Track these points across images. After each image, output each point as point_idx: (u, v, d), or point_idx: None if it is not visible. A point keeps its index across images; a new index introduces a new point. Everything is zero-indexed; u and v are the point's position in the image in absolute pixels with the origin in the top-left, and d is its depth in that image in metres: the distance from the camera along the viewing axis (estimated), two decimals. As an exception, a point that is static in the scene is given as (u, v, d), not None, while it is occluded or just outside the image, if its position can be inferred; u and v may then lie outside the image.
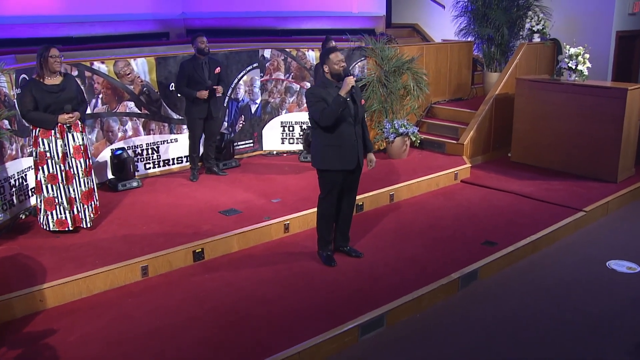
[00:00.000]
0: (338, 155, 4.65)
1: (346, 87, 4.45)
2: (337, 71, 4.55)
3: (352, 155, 4.68)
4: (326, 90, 4.57)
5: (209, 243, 5.14)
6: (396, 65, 7.63)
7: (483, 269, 5.03)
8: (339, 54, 4.60)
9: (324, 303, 4.34)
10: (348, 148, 4.65)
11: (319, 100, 4.55)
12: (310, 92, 4.64)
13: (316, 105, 4.56)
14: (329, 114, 4.49)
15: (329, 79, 4.64)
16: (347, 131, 4.63)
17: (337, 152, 4.65)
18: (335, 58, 4.57)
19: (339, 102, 4.44)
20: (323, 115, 4.52)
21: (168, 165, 7.27)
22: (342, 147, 4.64)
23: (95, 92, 6.54)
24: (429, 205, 6.49)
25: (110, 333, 3.95)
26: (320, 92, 4.58)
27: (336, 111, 4.46)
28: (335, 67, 4.56)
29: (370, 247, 5.33)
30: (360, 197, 6.23)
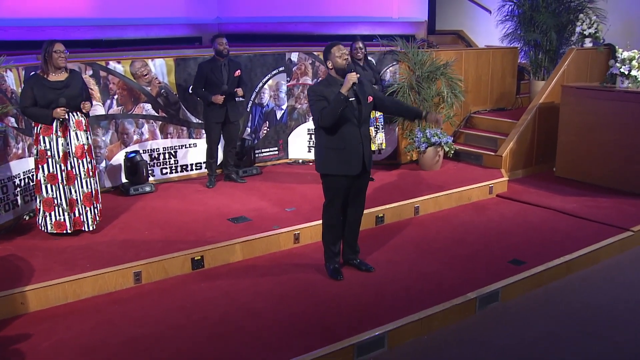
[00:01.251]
0: (341, 159, 4.41)
1: (347, 84, 4.21)
2: (342, 65, 4.32)
3: (356, 159, 4.42)
4: (329, 88, 4.34)
5: (210, 251, 4.97)
6: (430, 70, 7.32)
7: (506, 290, 4.64)
8: (342, 47, 4.37)
9: (321, 318, 4.08)
10: (352, 151, 4.40)
11: (320, 98, 4.33)
12: (311, 89, 4.43)
13: (316, 104, 4.34)
14: (328, 113, 4.26)
15: (334, 76, 4.41)
16: (350, 133, 4.38)
17: (339, 155, 4.41)
18: (338, 51, 4.34)
19: (339, 100, 4.20)
20: (322, 115, 4.29)
21: (186, 171, 7.18)
22: (345, 150, 4.39)
23: (110, 92, 6.52)
24: (457, 219, 6.14)
25: (87, 340, 3.80)
26: (322, 90, 4.35)
27: (335, 110, 4.22)
28: (339, 61, 4.33)
29: (383, 261, 5.04)
30: (381, 209, 5.96)
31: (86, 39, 9.06)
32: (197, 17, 10.26)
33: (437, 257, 5.15)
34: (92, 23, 9.24)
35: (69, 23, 9.01)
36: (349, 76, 4.21)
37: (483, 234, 5.72)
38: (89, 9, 9.22)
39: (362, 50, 6.53)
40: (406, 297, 4.39)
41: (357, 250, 4.90)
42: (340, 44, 4.41)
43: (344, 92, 4.20)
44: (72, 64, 6.11)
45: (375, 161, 7.65)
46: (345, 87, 4.21)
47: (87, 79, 6.30)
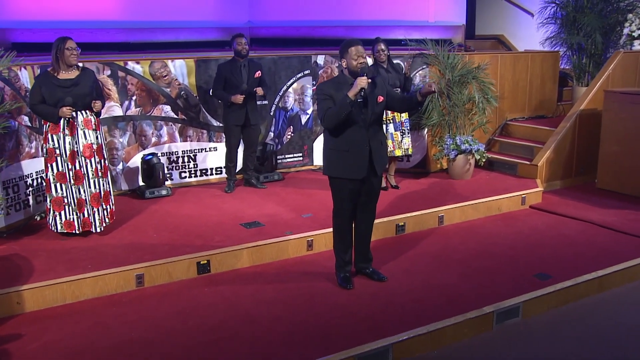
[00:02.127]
0: (345, 162, 4.29)
1: (355, 88, 4.08)
2: (355, 68, 4.20)
3: (362, 162, 4.29)
4: (338, 88, 4.22)
5: (216, 255, 4.90)
6: (461, 73, 7.13)
7: (527, 305, 4.41)
8: (360, 48, 4.24)
9: (322, 328, 3.95)
10: (357, 154, 4.27)
11: (326, 97, 4.23)
12: (319, 87, 4.33)
13: (322, 104, 4.24)
14: (332, 115, 4.15)
15: (346, 76, 4.30)
16: (356, 135, 4.26)
17: (344, 157, 4.29)
18: (354, 52, 4.22)
19: (344, 104, 4.08)
20: (326, 117, 4.19)
21: (206, 175, 7.16)
22: (350, 152, 4.27)
23: (128, 93, 6.57)
24: (484, 230, 5.91)
25: (75, 343, 3.77)
26: (329, 89, 4.25)
27: (339, 114, 4.11)
28: (353, 63, 4.21)
29: (398, 271, 4.87)
30: (402, 217, 5.80)
31: (114, 42, 9.18)
32: (228, 20, 10.30)
33: (457, 268, 4.95)
34: (121, 26, 9.36)
35: (97, 26, 9.15)
36: (359, 80, 4.09)
37: (510, 245, 5.48)
38: (118, 11, 9.34)
39: (384, 52, 6.40)
40: (417, 309, 4.21)
41: (370, 258, 4.75)
42: (360, 45, 4.27)
43: (350, 95, 4.08)
44: (90, 64, 6.21)
45: (403, 169, 7.49)
46: (353, 91, 4.09)
47: (104, 79, 6.38)
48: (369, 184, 4.42)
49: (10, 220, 5.45)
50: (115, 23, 9.36)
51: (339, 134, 4.27)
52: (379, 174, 4.42)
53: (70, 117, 5.02)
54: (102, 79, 6.36)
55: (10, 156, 5.46)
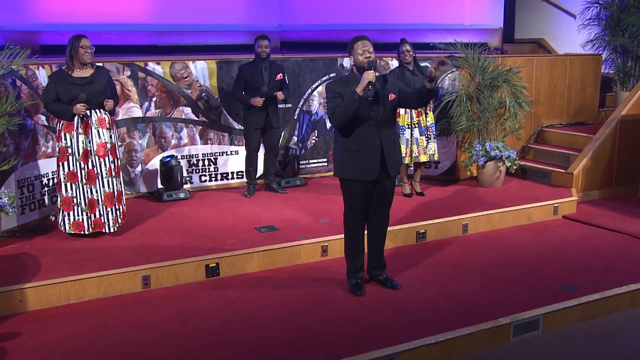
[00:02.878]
0: (355, 163, 4.24)
1: (362, 83, 4.03)
2: (361, 63, 4.15)
3: (373, 163, 4.23)
4: (348, 86, 4.18)
5: (226, 258, 4.89)
6: (492, 77, 6.99)
7: (548, 318, 4.25)
8: (367, 42, 4.20)
9: (327, 334, 3.88)
10: (368, 155, 4.21)
11: (335, 95, 4.19)
12: (328, 85, 4.30)
13: (331, 102, 4.21)
14: (339, 113, 4.11)
15: (355, 73, 4.25)
16: (367, 135, 4.20)
17: (354, 158, 4.23)
18: (360, 47, 4.17)
19: (352, 100, 4.03)
20: (333, 114, 4.15)
21: (226, 179, 7.19)
22: (360, 152, 4.22)
23: (148, 94, 6.65)
24: (510, 240, 5.75)
25: (73, 342, 3.79)
26: (339, 87, 4.21)
27: (346, 110, 4.06)
28: (360, 58, 4.17)
29: (414, 279, 4.77)
30: (423, 224, 5.70)
31: (142, 45, 9.36)
32: (258, 24, 10.38)
33: (476, 278, 4.82)
34: (149, 29, 9.55)
35: (125, 28, 9.35)
36: (365, 74, 4.04)
37: (536, 256, 5.31)
38: (147, 14, 9.54)
39: (409, 53, 6.32)
40: (428, 318, 4.10)
41: (384, 265, 4.67)
42: (367, 40, 4.24)
43: (358, 91, 4.03)
44: (110, 64, 6.32)
45: (431, 176, 7.37)
46: (360, 87, 4.04)
47: (124, 80, 6.48)
48: (381, 186, 4.34)
49: (24, 219, 5.56)
50: (143, 26, 9.55)
51: (349, 133, 4.22)
52: (392, 175, 4.34)
53: (85, 116, 5.10)
54: (121, 79, 6.46)
55: (26, 155, 5.58)
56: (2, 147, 5.29)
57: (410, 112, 6.36)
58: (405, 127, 6.38)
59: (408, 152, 6.40)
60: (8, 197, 4.96)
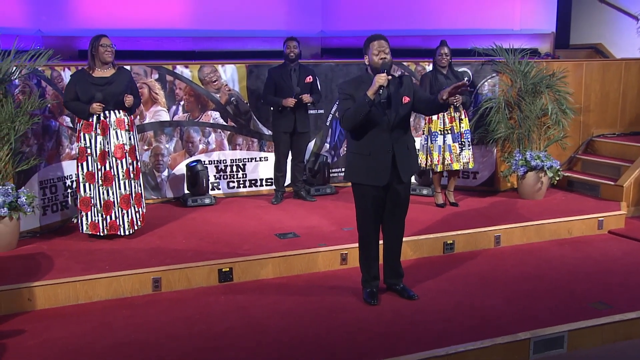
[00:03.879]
0: (366, 166, 4.22)
1: (373, 86, 4.01)
2: (376, 64, 4.14)
3: (384, 168, 4.20)
4: (360, 87, 4.16)
5: (240, 263, 4.92)
6: (534, 82, 6.84)
7: (575, 335, 4.10)
8: (383, 43, 4.18)
9: (331, 343, 3.86)
10: (378, 159, 4.19)
11: (346, 97, 4.19)
12: (340, 86, 4.32)
13: (342, 104, 4.22)
14: (349, 116, 4.11)
15: (369, 74, 4.24)
16: (379, 138, 4.18)
17: (365, 162, 4.22)
18: (376, 47, 4.16)
19: (363, 104, 4.02)
20: (344, 117, 4.15)
21: (255, 186, 7.26)
22: (371, 156, 4.20)
23: (176, 98, 6.80)
24: (546, 254, 5.58)
25: (74, 341, 3.89)
26: (350, 88, 4.21)
27: (357, 114, 4.05)
28: (375, 59, 4.15)
29: (434, 290, 4.69)
30: (451, 235, 5.61)
31: (180, 50, 9.58)
32: (299, 30, 10.45)
33: (501, 291, 4.70)
34: (187, 34, 9.76)
35: (163, 34, 9.59)
36: (377, 78, 4.02)
37: (570, 271, 5.14)
38: (185, 20, 9.75)
39: (447, 57, 6.26)
40: (442, 330, 4.02)
41: (401, 274, 4.61)
42: (383, 40, 4.22)
43: (369, 94, 4.02)
44: (137, 67, 6.51)
45: (469, 187, 7.26)
46: (371, 90, 4.02)
47: (152, 83, 6.64)
48: (393, 191, 4.31)
49: (46, 220, 5.75)
50: (181, 31, 9.77)
51: (361, 136, 4.22)
52: (404, 181, 4.30)
53: (103, 117, 5.25)
54: (149, 82, 6.63)
55: (50, 156, 5.79)
56: (25, 147, 5.50)
57: (442, 118, 6.29)
58: (438, 133, 6.31)
59: (440, 160, 6.33)
60: (27, 196, 5.14)
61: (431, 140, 6.34)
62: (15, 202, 5.07)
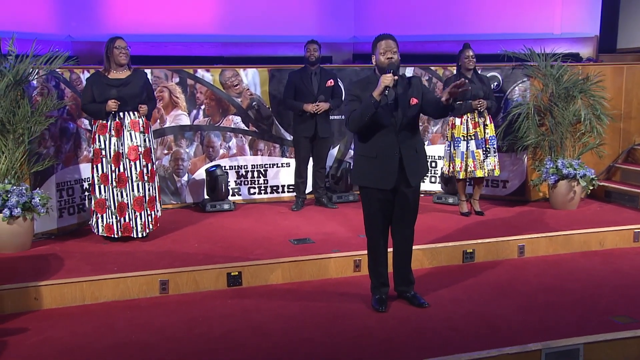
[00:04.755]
0: (372, 169, 4.25)
1: (379, 87, 4.04)
2: (382, 64, 4.17)
3: (391, 171, 4.21)
4: (367, 88, 4.19)
5: (249, 268, 4.99)
6: (566, 86, 6.75)
7: (592, 349, 4.01)
8: (391, 43, 4.21)
9: (331, 347, 3.88)
10: (385, 161, 4.21)
11: (352, 98, 4.23)
12: (347, 87, 4.36)
13: (348, 105, 4.26)
14: (355, 118, 4.14)
15: (376, 74, 4.27)
16: (386, 140, 4.20)
17: (371, 164, 4.25)
18: (383, 46, 4.19)
19: (368, 105, 4.05)
20: (350, 119, 4.19)
21: (277, 192, 7.34)
22: (377, 159, 4.22)
23: (197, 102, 6.94)
24: (573, 265, 5.48)
25: (74, 341, 4.00)
26: (357, 89, 4.25)
27: (363, 116, 4.08)
28: (381, 59, 4.19)
29: (446, 299, 4.67)
30: (471, 243, 5.57)
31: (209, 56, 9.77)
32: (331, 35, 10.57)
33: (516, 301, 4.64)
34: (216, 40, 9.97)
35: (192, 39, 9.82)
36: (383, 78, 4.04)
37: (597, 283, 5.04)
38: (214, 26, 9.97)
39: (473, 60, 6.25)
40: (449, 339, 4.00)
41: (411, 281, 4.60)
42: (391, 40, 4.25)
43: (375, 95, 4.05)
44: (158, 70, 6.68)
45: (498, 196, 7.20)
46: (377, 91, 4.05)
47: (172, 87, 6.81)
48: (401, 195, 4.32)
49: (63, 223, 5.94)
50: (211, 37, 9.99)
51: (368, 138, 4.25)
52: (412, 184, 4.30)
53: (117, 118, 5.41)
54: (170, 86, 6.80)
55: (67, 159, 5.98)
56: (42, 148, 5.70)
57: (466, 123, 6.28)
58: (461, 139, 6.28)
59: (463, 167, 6.30)
60: (40, 197, 5.32)
61: (454, 146, 6.32)
62: (29, 202, 5.25)
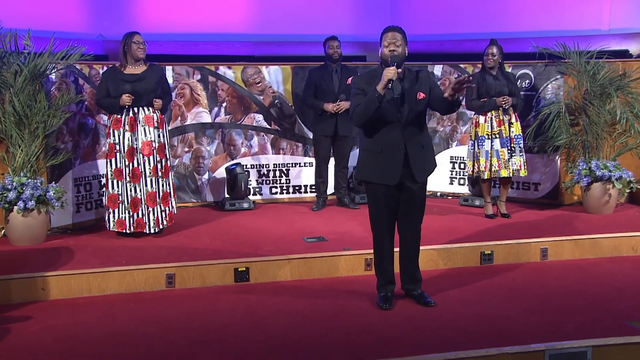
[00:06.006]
0: (376, 164, 4.33)
1: (382, 81, 4.12)
2: (386, 57, 4.25)
3: (394, 167, 4.28)
4: (372, 82, 4.28)
5: (256, 264, 5.12)
6: (602, 83, 6.69)
7: (602, 352, 3.99)
8: (397, 35, 4.29)
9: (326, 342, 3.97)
10: (389, 156, 4.28)
11: (358, 92, 4.32)
12: (352, 80, 4.46)
13: (353, 99, 4.35)
14: (359, 112, 4.23)
15: (382, 67, 4.36)
16: (391, 135, 4.28)
17: (375, 159, 4.33)
18: (388, 38, 4.27)
19: (372, 99, 4.14)
20: (354, 113, 4.29)
21: (299, 192, 7.47)
22: (381, 154, 4.30)
23: (218, 99, 7.14)
24: (598, 271, 5.42)
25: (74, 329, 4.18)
26: (362, 83, 4.34)
27: (367, 110, 4.17)
28: (385, 51, 4.27)
29: (455, 299, 4.71)
30: (490, 244, 5.58)
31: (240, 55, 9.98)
32: (365, 35, 10.65)
33: (527, 303, 4.64)
34: (248, 39, 10.16)
35: (223, 38, 10.03)
36: (385, 71, 4.12)
37: (620, 288, 4.98)
38: (246, 24, 10.15)
39: (494, 58, 6.28)
40: (450, 337, 4.04)
41: (418, 279, 4.66)
42: (396, 31, 4.34)
43: (379, 89, 4.14)
44: (180, 67, 6.91)
45: (530, 199, 7.18)
46: (381, 84, 4.13)
47: (194, 84, 7.02)
48: (407, 192, 4.38)
49: (79, 218, 6.21)
50: (242, 36, 10.19)
51: (373, 133, 4.33)
52: (418, 181, 4.36)
53: (131, 113, 5.64)
54: (191, 83, 7.02)
55: (85, 154, 6.25)
56: (60, 143, 5.96)
57: (490, 122, 6.30)
58: (485, 137, 6.30)
59: (487, 166, 6.31)
60: (55, 191, 5.57)
61: (478, 145, 6.34)
62: (43, 196, 5.50)
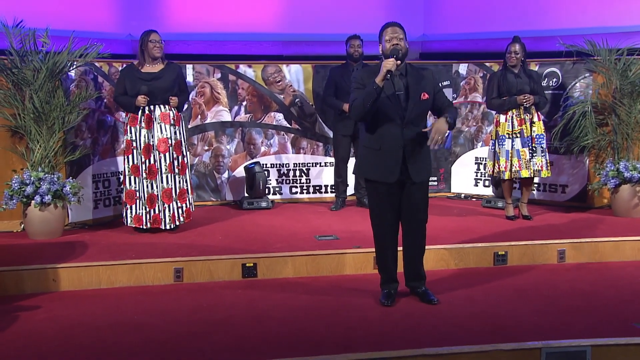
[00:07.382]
0: (375, 161, 4.49)
1: (381, 72, 4.28)
2: (387, 51, 4.41)
3: (392, 165, 4.44)
4: (374, 76, 4.44)
5: (264, 259, 5.34)
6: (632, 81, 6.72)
7: (601, 352, 4.07)
8: (398, 29, 4.45)
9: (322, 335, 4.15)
10: (389, 154, 4.44)
11: (358, 87, 4.49)
12: (353, 76, 4.63)
13: (353, 93, 4.52)
14: (357, 105, 4.40)
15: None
16: (391, 133, 4.44)
17: (375, 156, 4.49)
18: (389, 32, 4.44)
19: (370, 91, 4.30)
20: (352, 106, 4.46)
21: (319, 192, 7.68)
22: (380, 151, 4.46)
23: (238, 98, 7.41)
24: (615, 273, 5.47)
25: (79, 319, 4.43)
26: (363, 77, 4.50)
27: (365, 102, 4.33)
28: (386, 46, 4.43)
29: (461, 298, 4.84)
30: (504, 245, 5.69)
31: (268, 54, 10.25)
32: (398, 34, 10.82)
33: (533, 303, 4.74)
34: (277, 38, 10.42)
35: (251, 38, 10.31)
36: (384, 62, 4.27)
37: (633, 291, 5.04)
38: (274, 24, 10.42)
39: (516, 56, 6.38)
40: (448, 334, 4.17)
41: (422, 276, 4.80)
42: (397, 26, 4.49)
43: (377, 81, 4.30)
44: (200, 66, 7.20)
45: (556, 202, 7.25)
46: (379, 77, 4.29)
47: (214, 82, 7.30)
48: (408, 191, 4.54)
49: (98, 214, 6.54)
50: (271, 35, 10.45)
51: (373, 130, 4.50)
52: (416, 181, 4.51)
53: (148, 110, 5.93)
54: (211, 81, 7.31)
55: (104, 151, 6.57)
56: (79, 140, 6.30)
57: (511, 120, 6.40)
58: (505, 136, 6.41)
59: (508, 166, 6.41)
60: (72, 186, 5.89)
61: (498, 144, 6.45)
62: (60, 190, 5.83)
